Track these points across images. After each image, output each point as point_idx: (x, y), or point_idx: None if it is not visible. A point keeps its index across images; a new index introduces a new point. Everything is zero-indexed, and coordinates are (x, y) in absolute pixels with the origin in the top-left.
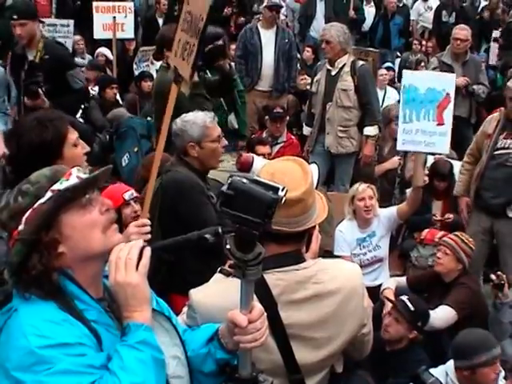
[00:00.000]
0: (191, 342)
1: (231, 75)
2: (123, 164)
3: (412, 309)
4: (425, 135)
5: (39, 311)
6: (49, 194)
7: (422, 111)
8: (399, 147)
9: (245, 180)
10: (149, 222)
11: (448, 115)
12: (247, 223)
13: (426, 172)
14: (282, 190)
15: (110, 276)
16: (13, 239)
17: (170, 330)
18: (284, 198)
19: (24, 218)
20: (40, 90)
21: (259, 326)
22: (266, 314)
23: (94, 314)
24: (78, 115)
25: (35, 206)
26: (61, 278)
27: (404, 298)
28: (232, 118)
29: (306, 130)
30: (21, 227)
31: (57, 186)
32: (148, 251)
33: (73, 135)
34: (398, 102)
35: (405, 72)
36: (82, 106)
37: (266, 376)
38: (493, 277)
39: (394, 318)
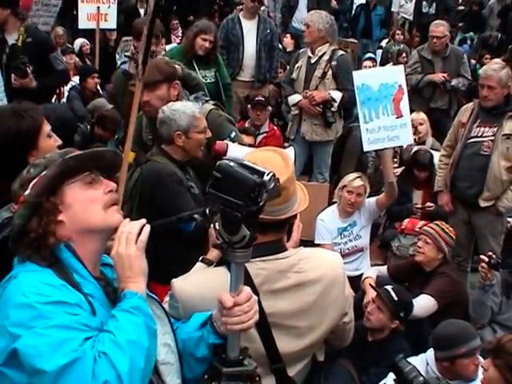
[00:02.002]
0: (185, 326)
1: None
2: None
3: (395, 298)
4: (387, 130)
5: (38, 276)
6: (56, 164)
7: (380, 108)
8: (366, 148)
9: (232, 163)
10: None
11: (404, 106)
12: (231, 205)
13: (395, 165)
14: (268, 174)
15: (113, 249)
16: (19, 204)
17: (162, 317)
18: (272, 184)
19: (31, 184)
20: (28, 69)
21: (246, 309)
22: (255, 297)
23: (90, 289)
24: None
25: (42, 173)
26: (63, 249)
27: (388, 287)
28: None
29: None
30: (27, 192)
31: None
32: (147, 228)
33: (47, 126)
34: None
35: (355, 73)
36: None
37: (251, 361)
38: (485, 258)
39: (377, 306)
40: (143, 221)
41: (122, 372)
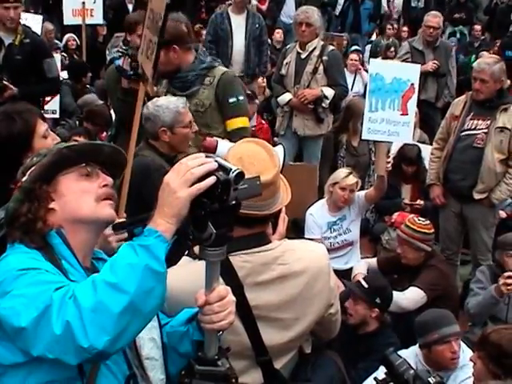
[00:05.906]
0: (172, 320)
1: None
2: None
3: (366, 286)
4: (389, 124)
5: (27, 254)
6: (51, 153)
7: (388, 100)
8: (364, 136)
9: None
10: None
11: (412, 105)
12: (196, 202)
13: (389, 160)
14: (234, 171)
15: (168, 174)
16: (16, 188)
17: None
18: (241, 182)
19: (29, 171)
20: (4, 81)
21: (216, 309)
22: (231, 299)
23: (76, 277)
24: None
25: (40, 161)
26: (53, 236)
27: (360, 279)
28: None
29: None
30: (24, 178)
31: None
32: (211, 180)
33: (42, 127)
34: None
35: (372, 61)
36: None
37: (225, 361)
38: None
39: (352, 299)
40: (215, 165)
41: (83, 309)
